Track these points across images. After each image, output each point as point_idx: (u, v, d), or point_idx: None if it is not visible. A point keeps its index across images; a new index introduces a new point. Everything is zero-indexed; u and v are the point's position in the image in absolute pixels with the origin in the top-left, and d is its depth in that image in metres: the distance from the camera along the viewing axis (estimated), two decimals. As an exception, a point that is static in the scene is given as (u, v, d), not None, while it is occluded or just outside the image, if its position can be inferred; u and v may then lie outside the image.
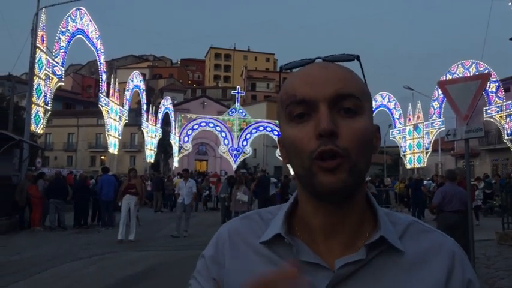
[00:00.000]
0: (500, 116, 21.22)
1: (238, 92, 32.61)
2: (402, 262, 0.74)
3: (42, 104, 14.76)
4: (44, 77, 14.68)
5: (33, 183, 13.37)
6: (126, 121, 22.96)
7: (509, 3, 14.99)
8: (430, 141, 25.51)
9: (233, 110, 32.28)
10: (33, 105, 14.24)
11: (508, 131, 20.88)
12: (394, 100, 28.34)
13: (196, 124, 31.20)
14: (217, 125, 31.36)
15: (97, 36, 18.96)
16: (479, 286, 0.78)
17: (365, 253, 0.73)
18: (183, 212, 11.65)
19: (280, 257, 0.76)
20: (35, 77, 14.14)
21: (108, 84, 20.93)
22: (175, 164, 31.80)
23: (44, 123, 15.08)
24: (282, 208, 0.84)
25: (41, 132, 15.18)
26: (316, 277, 0.72)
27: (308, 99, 0.72)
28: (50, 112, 15.49)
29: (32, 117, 14.24)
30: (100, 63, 19.83)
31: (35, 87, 14.22)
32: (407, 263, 0.74)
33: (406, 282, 0.73)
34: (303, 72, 0.76)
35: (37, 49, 14.25)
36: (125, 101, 23.05)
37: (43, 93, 14.71)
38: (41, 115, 14.77)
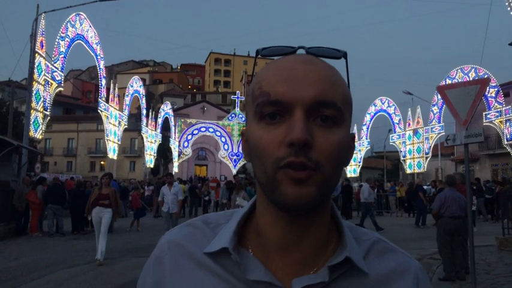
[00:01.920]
0: (500, 121, 21.20)
1: (238, 97, 32.62)
2: (365, 285, 0.68)
3: (42, 109, 14.76)
4: (43, 82, 14.69)
5: (33, 189, 13.32)
6: (126, 126, 22.96)
7: (508, 9, 15.02)
8: (430, 146, 25.47)
9: (233, 115, 32.29)
10: (32, 111, 14.23)
11: (508, 136, 20.85)
12: (393, 105, 28.34)
13: (196, 129, 31.21)
14: (217, 130, 31.36)
15: (97, 41, 18.99)
16: None
17: (327, 275, 0.65)
18: (169, 221, 10.47)
19: (227, 271, 0.68)
20: (34, 82, 14.15)
21: (108, 89, 20.95)
22: (175, 169, 31.77)
23: (43, 129, 15.07)
24: (237, 213, 0.75)
25: (40, 137, 15.17)
26: None
27: (283, 101, 0.63)
28: (49, 117, 15.49)
29: (31, 122, 14.24)
30: (100, 69, 19.86)
31: (34, 92, 14.22)
32: (369, 286, 0.68)
33: None
34: (281, 65, 0.66)
35: (36, 54, 14.27)
36: (124, 106, 23.06)
37: (42, 99, 14.71)
38: (40, 120, 14.76)
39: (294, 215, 0.66)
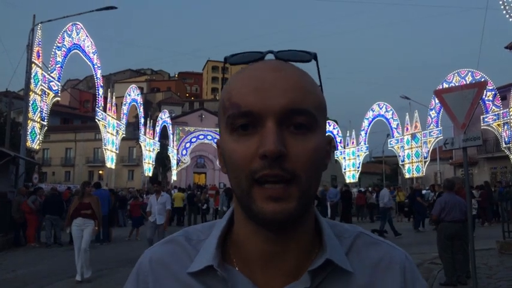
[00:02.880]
0: (498, 124, 21.24)
1: (235, 104, 32.67)
2: (350, 284, 0.66)
3: (39, 120, 14.73)
4: (40, 93, 14.67)
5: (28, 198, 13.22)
6: (124, 135, 22.94)
7: (504, 12, 15.09)
8: (428, 151, 25.48)
9: (231, 122, 32.35)
10: (29, 121, 14.21)
11: (506, 139, 20.88)
12: (391, 110, 28.38)
13: (194, 137, 31.21)
14: (215, 138, 31.31)
15: (93, 50, 19.01)
16: None
17: (309, 280, 0.63)
18: (154, 233, 9.64)
19: None
20: (31, 93, 14.14)
21: (106, 98, 20.93)
22: (174, 177, 31.73)
23: (41, 139, 15.03)
24: (215, 227, 0.72)
25: (37, 147, 15.13)
26: None
27: (253, 112, 0.60)
28: (46, 127, 15.46)
29: (28, 132, 14.20)
30: (97, 78, 19.87)
31: (31, 102, 14.20)
32: (355, 285, 0.66)
33: None
34: (250, 73, 0.64)
35: (33, 64, 14.27)
36: (122, 115, 23.05)
37: (39, 109, 14.69)
38: (37, 131, 14.72)
39: (274, 231, 0.64)
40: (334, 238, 0.69)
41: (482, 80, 19.13)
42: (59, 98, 16.72)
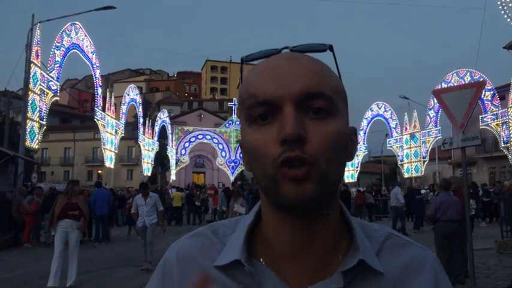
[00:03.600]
0: (496, 124, 21.28)
1: (235, 104, 32.65)
2: (381, 285, 0.66)
3: (37, 119, 14.72)
4: (38, 92, 14.66)
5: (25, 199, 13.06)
6: (123, 135, 22.93)
7: (502, 12, 15.11)
8: (427, 150, 25.51)
9: (230, 122, 32.29)
10: (28, 121, 14.19)
11: (505, 139, 20.92)
12: (390, 109, 28.41)
13: (193, 137, 31.17)
14: (214, 137, 31.33)
15: (92, 50, 19.00)
16: None
17: (342, 280, 0.63)
18: (145, 236, 9.08)
19: (241, 283, 0.65)
20: (29, 92, 14.13)
21: (105, 98, 20.92)
22: (173, 177, 31.71)
23: (40, 138, 15.02)
24: (241, 222, 0.72)
25: (36, 147, 15.12)
26: None
27: (271, 100, 0.61)
28: (45, 127, 15.44)
29: (27, 132, 14.18)
30: (96, 78, 19.85)
31: (30, 102, 14.19)
32: (385, 286, 0.66)
33: None
34: (265, 65, 0.65)
35: (32, 64, 14.25)
36: (121, 114, 23.04)
37: (38, 108, 14.68)
38: (36, 130, 14.71)
39: (300, 217, 0.64)
40: (364, 238, 0.69)
41: (481, 79, 19.16)
42: (57, 98, 16.70)
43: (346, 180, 29.74)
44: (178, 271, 0.70)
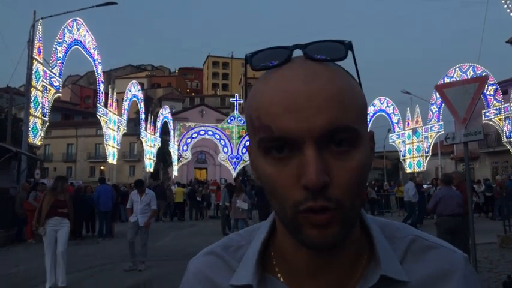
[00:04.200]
0: (499, 119, 21.22)
1: (236, 100, 32.64)
2: None
3: (40, 115, 14.74)
4: (41, 88, 14.67)
5: (28, 195, 13.06)
6: (125, 131, 22.94)
7: (505, 6, 15.04)
8: (430, 145, 25.47)
9: (232, 117, 32.29)
10: (30, 117, 14.21)
11: (507, 134, 20.86)
12: (392, 105, 28.35)
13: (195, 132, 31.20)
14: (216, 133, 31.35)
15: (94, 46, 18.98)
16: None
17: None
18: (136, 235, 8.65)
19: None
20: (32, 89, 14.14)
21: (106, 94, 20.92)
22: (175, 172, 31.76)
23: (42, 135, 15.05)
24: (258, 232, 0.69)
25: (39, 143, 15.14)
26: None
27: (288, 137, 0.54)
28: (48, 123, 15.46)
29: (29, 128, 14.21)
30: (97, 74, 19.84)
31: (33, 98, 14.20)
32: None
33: None
34: (279, 88, 0.56)
35: (34, 60, 14.25)
36: (123, 110, 23.04)
37: (41, 105, 14.69)
38: (39, 126, 14.74)
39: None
40: (386, 245, 0.64)
41: (484, 74, 19.11)
42: (60, 94, 16.71)
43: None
44: None
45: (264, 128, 0.55)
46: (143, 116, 26.08)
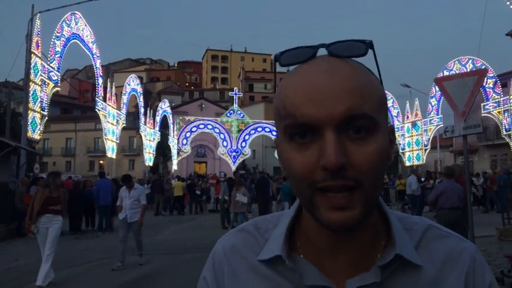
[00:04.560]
0: (498, 112, 21.20)
1: (236, 94, 32.58)
2: (420, 278, 0.67)
3: (39, 110, 14.71)
4: (39, 83, 14.62)
5: (27, 190, 13.09)
6: (124, 125, 22.91)
7: (505, -1, 14.99)
8: (429, 138, 25.48)
9: (231, 111, 32.25)
10: (29, 111, 14.18)
11: (506, 126, 20.86)
12: (391, 98, 28.32)
13: (194, 126, 31.18)
14: (215, 127, 31.33)
15: (92, 40, 18.91)
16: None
17: (379, 275, 0.65)
18: (127, 232, 8.35)
19: (283, 277, 0.69)
20: (30, 83, 14.09)
21: (105, 88, 20.87)
22: (175, 166, 31.77)
23: (41, 129, 15.03)
24: (282, 217, 0.75)
25: (38, 138, 15.12)
26: None
27: (310, 123, 0.60)
28: (46, 117, 15.43)
29: (28, 123, 14.17)
30: (96, 68, 19.78)
31: (31, 92, 14.16)
32: (424, 279, 0.67)
33: None
34: (303, 79, 0.62)
35: (32, 55, 14.19)
36: (122, 104, 23.00)
37: (39, 99, 14.66)
38: (38, 121, 14.71)
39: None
40: (402, 231, 0.69)
41: (483, 67, 19.08)
42: (58, 88, 16.66)
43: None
44: (226, 263, 0.74)
45: (289, 116, 0.61)
46: (142, 110, 26.04)
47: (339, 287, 0.66)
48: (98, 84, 19.79)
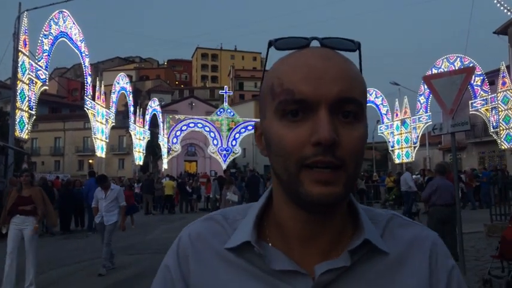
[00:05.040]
0: (486, 109, 21.42)
1: (226, 92, 32.50)
2: (386, 263, 0.70)
3: (27, 109, 14.56)
4: (27, 82, 14.47)
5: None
6: (113, 124, 22.75)
7: (492, -3, 15.15)
8: (418, 136, 25.67)
9: (221, 110, 32.17)
10: (17, 110, 14.03)
11: (494, 124, 21.09)
12: (381, 96, 28.48)
13: (184, 125, 31.04)
14: (205, 126, 31.23)
15: (81, 38, 18.74)
16: (459, 272, 0.75)
17: (349, 259, 0.67)
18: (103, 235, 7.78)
19: (251, 264, 0.69)
20: (18, 82, 13.94)
21: (94, 87, 20.71)
22: (165, 165, 31.64)
23: (29, 128, 14.88)
24: (252, 207, 0.75)
25: (26, 137, 14.97)
26: (294, 286, 0.66)
27: (307, 100, 0.62)
28: (34, 117, 15.28)
29: (16, 122, 14.03)
30: (85, 66, 19.61)
31: (19, 91, 14.01)
32: (390, 264, 0.70)
33: (390, 284, 0.69)
34: (301, 61, 0.65)
35: (20, 53, 14.04)
36: (111, 103, 22.84)
37: (27, 98, 14.51)
38: (26, 120, 14.56)
39: (315, 214, 0.67)
40: (369, 221, 0.72)
41: (471, 65, 19.25)
42: (46, 87, 16.50)
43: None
44: (192, 251, 0.73)
45: (286, 92, 0.64)
46: (132, 109, 25.87)
47: (308, 272, 0.67)
48: (87, 83, 19.63)
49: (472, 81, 20.69)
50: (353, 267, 0.68)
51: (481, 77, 21.73)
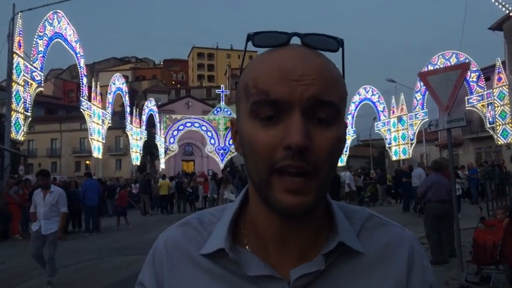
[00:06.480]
0: (482, 105, 21.49)
1: (222, 91, 32.50)
2: (362, 265, 0.69)
3: (22, 111, 14.50)
4: (22, 83, 14.42)
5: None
6: (110, 124, 22.71)
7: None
8: (414, 133, 25.73)
9: (218, 109, 32.16)
10: (12, 112, 13.98)
11: (490, 120, 21.16)
12: (377, 93, 28.51)
13: (181, 125, 31.01)
14: (202, 125, 31.21)
15: (76, 39, 18.68)
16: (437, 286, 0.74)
17: (323, 262, 0.66)
18: (41, 247, 6.60)
19: (227, 270, 0.68)
20: (13, 83, 13.88)
21: (90, 87, 20.66)
22: (162, 165, 31.60)
23: (25, 130, 14.83)
24: (228, 209, 0.73)
25: (22, 139, 14.92)
26: None
27: (281, 101, 0.60)
28: (30, 118, 15.23)
29: (12, 124, 13.97)
30: (80, 67, 19.56)
31: (14, 93, 13.95)
32: (366, 265, 0.69)
33: (367, 285, 0.68)
34: (278, 62, 0.62)
35: (14, 55, 13.98)
36: (107, 104, 22.79)
37: (22, 100, 14.45)
38: (21, 122, 14.50)
39: (288, 219, 0.66)
40: (345, 220, 0.71)
41: (466, 61, 19.29)
42: (42, 89, 16.45)
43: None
44: (167, 259, 0.72)
45: (260, 93, 0.61)
46: (128, 109, 25.84)
47: (283, 276, 0.66)
48: (83, 84, 19.57)
49: (468, 77, 20.76)
50: (329, 269, 0.67)
51: (477, 73, 21.79)
